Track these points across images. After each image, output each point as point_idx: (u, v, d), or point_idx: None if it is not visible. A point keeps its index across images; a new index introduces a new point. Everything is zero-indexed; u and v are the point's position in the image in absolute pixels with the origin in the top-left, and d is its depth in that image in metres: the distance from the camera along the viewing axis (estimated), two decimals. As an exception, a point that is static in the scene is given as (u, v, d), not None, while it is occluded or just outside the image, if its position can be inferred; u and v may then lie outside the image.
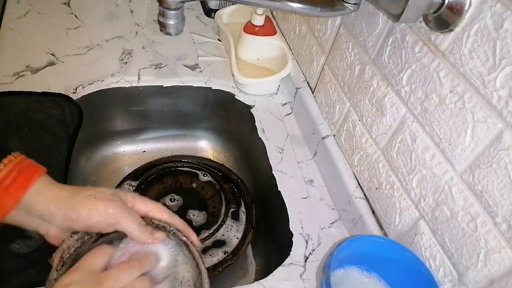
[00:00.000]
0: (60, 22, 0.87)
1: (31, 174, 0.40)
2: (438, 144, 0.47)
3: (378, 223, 0.58)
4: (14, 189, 0.39)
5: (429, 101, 0.47)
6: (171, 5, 0.46)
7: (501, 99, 0.38)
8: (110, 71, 0.79)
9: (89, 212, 0.40)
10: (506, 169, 0.38)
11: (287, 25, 0.86)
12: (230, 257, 0.69)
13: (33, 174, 0.40)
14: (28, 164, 0.41)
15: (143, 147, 0.89)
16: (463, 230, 0.44)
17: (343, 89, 0.65)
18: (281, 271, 0.55)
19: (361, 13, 0.58)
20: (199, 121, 0.90)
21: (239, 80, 0.79)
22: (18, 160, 0.40)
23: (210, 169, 0.83)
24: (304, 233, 0.61)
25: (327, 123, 0.71)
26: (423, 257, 0.50)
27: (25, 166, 0.41)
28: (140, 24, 0.92)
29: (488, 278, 0.41)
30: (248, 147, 0.85)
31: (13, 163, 0.40)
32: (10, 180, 0.39)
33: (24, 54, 0.77)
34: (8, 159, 0.40)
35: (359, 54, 0.60)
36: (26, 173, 0.40)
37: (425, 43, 0.47)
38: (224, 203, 0.78)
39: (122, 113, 0.83)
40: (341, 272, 0.52)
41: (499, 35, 0.38)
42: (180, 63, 0.85)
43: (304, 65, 0.79)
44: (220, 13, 0.92)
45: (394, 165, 0.54)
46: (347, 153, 0.66)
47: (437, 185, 0.47)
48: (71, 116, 0.68)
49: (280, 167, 0.70)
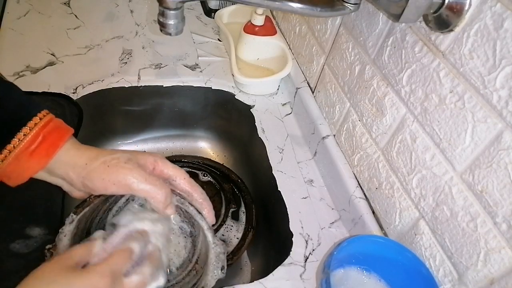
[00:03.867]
0: (60, 22, 0.87)
1: (55, 142, 0.40)
2: (438, 144, 0.47)
3: (378, 223, 0.58)
4: (39, 156, 0.39)
5: (429, 101, 0.47)
6: (171, 5, 0.46)
7: (501, 99, 0.38)
8: (110, 71, 0.79)
9: (103, 182, 0.40)
10: (506, 169, 0.38)
11: (287, 25, 0.86)
12: (230, 257, 0.69)
13: (58, 142, 0.40)
14: (54, 126, 0.41)
15: (143, 147, 0.89)
16: (463, 230, 0.44)
17: (343, 89, 0.65)
18: (281, 271, 0.55)
19: (361, 13, 0.58)
20: (199, 121, 0.90)
21: (239, 80, 0.79)
22: (45, 122, 0.40)
23: (210, 169, 0.83)
24: (304, 233, 0.61)
25: (327, 123, 0.71)
26: (423, 257, 0.50)
27: (51, 130, 0.40)
28: (140, 24, 0.92)
29: (488, 278, 0.41)
30: (248, 147, 0.85)
31: (39, 127, 0.39)
32: (35, 146, 0.39)
33: (24, 54, 0.77)
34: (34, 122, 0.39)
35: (359, 54, 0.60)
36: (51, 140, 0.40)
37: (425, 43, 0.47)
38: (224, 203, 0.78)
39: (122, 113, 0.83)
40: (341, 272, 0.52)
41: (499, 35, 0.38)
42: (180, 63, 0.85)
43: (304, 65, 0.79)
44: (220, 13, 0.92)
45: (394, 165, 0.54)
46: (347, 153, 0.66)
47: (437, 185, 0.47)
48: (71, 116, 0.68)
49: (280, 167, 0.70)
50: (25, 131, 0.39)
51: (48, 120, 0.41)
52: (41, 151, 0.39)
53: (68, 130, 0.42)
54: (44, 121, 0.40)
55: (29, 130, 0.39)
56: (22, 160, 0.39)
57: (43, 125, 0.40)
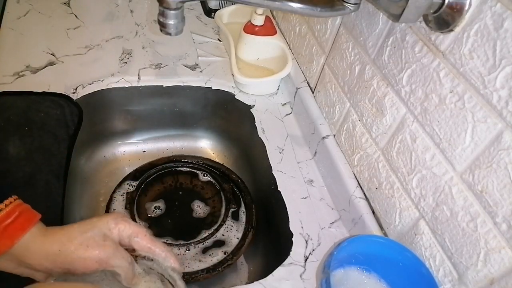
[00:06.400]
0: (60, 22, 0.87)
1: (30, 218, 0.41)
2: (438, 144, 0.47)
3: (378, 223, 0.58)
4: (13, 230, 0.39)
5: (429, 101, 0.47)
6: (171, 5, 0.46)
7: (501, 99, 0.38)
8: (110, 71, 0.79)
9: (85, 262, 0.41)
10: (506, 169, 0.38)
11: (287, 25, 0.86)
12: (230, 257, 0.69)
13: (32, 218, 0.41)
14: (26, 207, 0.42)
15: (143, 147, 0.89)
16: (463, 230, 0.44)
17: (343, 89, 0.65)
18: (281, 271, 0.55)
19: (361, 13, 0.58)
20: (199, 121, 0.90)
21: (239, 80, 0.79)
22: (18, 203, 0.41)
23: (210, 169, 0.83)
24: (304, 233, 0.61)
25: (327, 123, 0.71)
26: (423, 257, 0.50)
27: (24, 209, 0.41)
28: (140, 24, 0.92)
29: (488, 278, 0.41)
30: (248, 147, 0.85)
31: (14, 204, 0.40)
32: (10, 220, 0.39)
33: (24, 54, 0.77)
34: (9, 200, 0.40)
35: (359, 54, 0.60)
36: (26, 216, 0.40)
37: (425, 43, 0.47)
38: (224, 203, 0.78)
39: (122, 113, 0.83)
40: (341, 272, 0.52)
41: (499, 35, 0.38)
42: (180, 63, 0.85)
43: (304, 65, 0.79)
44: (220, 13, 0.92)
45: (394, 165, 0.54)
46: (347, 153, 0.66)
47: (437, 185, 0.47)
48: (71, 116, 0.68)
49: (280, 167, 0.70)
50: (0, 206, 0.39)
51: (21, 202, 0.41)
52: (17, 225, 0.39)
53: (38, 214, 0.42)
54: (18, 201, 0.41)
55: (4, 206, 0.39)
56: None
57: (18, 204, 0.40)
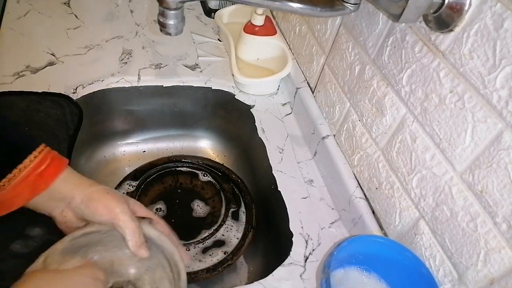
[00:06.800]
0: (60, 22, 0.87)
1: (60, 163, 0.45)
2: (438, 144, 0.47)
3: (378, 223, 0.58)
4: (48, 175, 0.43)
5: (429, 101, 0.47)
6: (171, 5, 0.46)
7: (501, 99, 0.38)
8: (110, 71, 0.79)
9: (98, 205, 0.44)
10: (506, 169, 0.38)
11: (287, 25, 0.86)
12: (230, 257, 0.69)
13: (62, 163, 0.46)
14: (55, 154, 0.46)
15: (143, 147, 0.89)
16: (463, 230, 0.44)
17: (343, 89, 0.65)
18: (281, 271, 0.55)
19: (361, 13, 0.58)
20: (199, 121, 0.90)
21: (239, 80, 0.79)
22: (48, 150, 0.45)
23: (210, 169, 0.83)
24: (304, 233, 0.61)
25: (327, 123, 0.71)
26: (423, 257, 0.50)
27: (55, 156, 0.45)
28: (140, 24, 0.92)
29: (488, 278, 0.41)
30: (248, 147, 0.85)
31: (45, 152, 0.44)
32: (44, 166, 0.43)
33: (24, 54, 0.77)
34: (41, 148, 0.44)
35: (359, 54, 0.60)
36: (57, 162, 0.45)
37: (425, 43, 0.47)
38: (224, 203, 0.78)
39: (122, 113, 0.83)
40: (341, 272, 0.52)
41: (499, 35, 0.38)
42: (180, 63, 0.85)
43: (304, 65, 0.79)
44: (220, 13, 0.92)
45: (394, 165, 0.54)
46: (347, 153, 0.66)
47: (437, 185, 0.47)
48: (71, 116, 0.68)
49: (280, 167, 0.70)
50: (34, 154, 0.43)
51: (50, 149, 0.46)
52: (50, 169, 0.44)
53: (66, 160, 0.47)
54: (48, 149, 0.45)
55: (38, 153, 0.43)
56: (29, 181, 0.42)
57: (48, 151, 0.45)
